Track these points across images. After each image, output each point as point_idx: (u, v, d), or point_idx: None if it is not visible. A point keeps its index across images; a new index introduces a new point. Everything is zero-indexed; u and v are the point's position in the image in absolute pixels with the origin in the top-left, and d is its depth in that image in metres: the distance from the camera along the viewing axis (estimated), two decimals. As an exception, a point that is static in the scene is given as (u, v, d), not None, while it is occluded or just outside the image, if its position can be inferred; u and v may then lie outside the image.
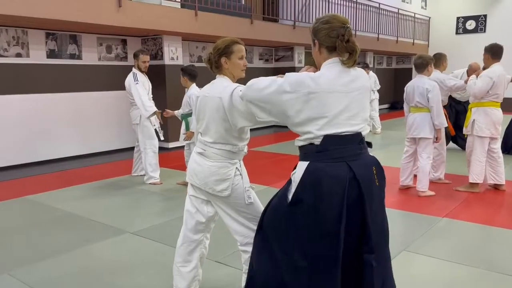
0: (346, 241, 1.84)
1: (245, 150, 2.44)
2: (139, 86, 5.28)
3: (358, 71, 1.94)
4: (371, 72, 9.83)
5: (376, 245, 1.91)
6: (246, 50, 2.48)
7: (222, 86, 2.35)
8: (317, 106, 1.82)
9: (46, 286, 2.85)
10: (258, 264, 2.03)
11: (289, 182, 1.99)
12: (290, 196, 1.91)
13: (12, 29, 6.39)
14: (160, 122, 5.46)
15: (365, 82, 1.95)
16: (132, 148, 6.09)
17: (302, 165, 1.90)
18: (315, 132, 1.85)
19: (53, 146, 6.98)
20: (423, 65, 4.75)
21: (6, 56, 6.37)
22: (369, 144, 2.03)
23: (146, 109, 5.26)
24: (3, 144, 6.37)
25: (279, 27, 10.02)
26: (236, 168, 2.34)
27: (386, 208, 2.13)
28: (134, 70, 5.41)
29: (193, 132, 4.80)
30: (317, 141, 1.86)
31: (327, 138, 1.84)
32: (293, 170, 1.98)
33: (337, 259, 1.83)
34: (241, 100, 2.17)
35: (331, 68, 1.90)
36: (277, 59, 11.45)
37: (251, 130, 2.51)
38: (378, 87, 9.94)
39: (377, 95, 9.95)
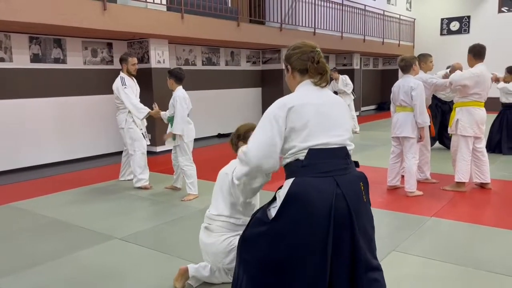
0: (337, 261, 1.84)
1: None
2: (128, 90, 5.23)
3: (329, 91, 2.06)
4: (341, 76, 10.13)
5: (366, 261, 1.92)
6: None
7: (231, 164, 2.73)
8: (295, 117, 1.89)
9: (31, 295, 2.79)
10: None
11: (273, 199, 2.01)
12: (273, 212, 1.92)
13: (-5, 33, 6.29)
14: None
15: (338, 99, 2.05)
16: (119, 153, 6.03)
17: (289, 181, 1.91)
18: (299, 145, 1.88)
19: (37, 152, 6.87)
20: (406, 66, 4.82)
21: (-11, 61, 6.27)
22: (356, 164, 2.05)
23: (140, 111, 5.22)
24: (-14, 151, 6.25)
25: (266, 29, 10.03)
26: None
27: (374, 209, 2.14)
28: (122, 74, 5.35)
29: (172, 133, 4.81)
30: (302, 156, 1.88)
31: (311, 151, 1.87)
32: (277, 190, 2.00)
33: (321, 277, 1.83)
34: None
35: (303, 87, 2.02)
36: (264, 62, 11.46)
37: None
38: (351, 88, 10.11)
39: (352, 97, 10.24)
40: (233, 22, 8.80)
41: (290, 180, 1.90)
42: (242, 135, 2.71)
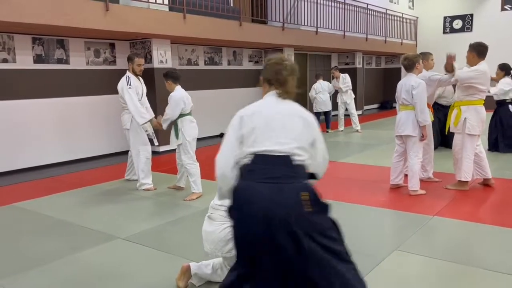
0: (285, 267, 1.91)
1: None
2: (132, 91, 5.17)
3: (291, 103, 2.15)
4: (341, 74, 10.16)
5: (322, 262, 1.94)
6: None
7: None
8: (245, 124, 2.05)
9: (35, 295, 2.81)
10: None
11: None
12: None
13: (-2, 34, 6.32)
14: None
15: (297, 111, 2.11)
16: (122, 153, 6.04)
17: (236, 184, 2.02)
18: (247, 149, 2.01)
19: (41, 152, 6.90)
20: (410, 65, 4.80)
21: (-8, 62, 6.30)
22: (313, 176, 2.13)
23: (142, 116, 5.18)
24: (-10, 151, 6.29)
25: (268, 28, 10.03)
26: None
27: (377, 208, 2.14)
28: (128, 73, 5.31)
29: (160, 122, 5.02)
30: (249, 160, 1.99)
31: (256, 156, 1.97)
32: None
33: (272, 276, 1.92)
34: None
35: (267, 97, 2.19)
36: (266, 61, 11.44)
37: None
38: (348, 86, 10.12)
39: (352, 96, 10.24)
40: (235, 21, 8.80)
41: (237, 182, 2.01)
42: None
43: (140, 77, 5.43)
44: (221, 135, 9.93)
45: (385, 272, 2.99)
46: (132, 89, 5.20)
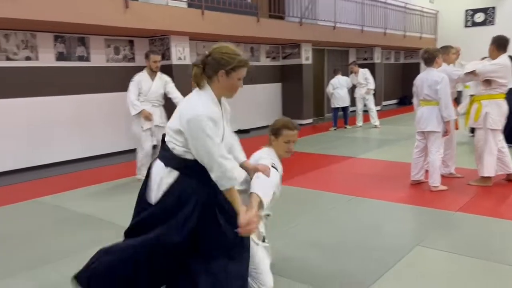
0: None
1: None
2: (132, 85, 5.40)
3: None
4: (360, 69, 10.07)
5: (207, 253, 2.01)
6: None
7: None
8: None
9: (60, 286, 2.87)
10: None
11: None
12: None
13: (21, 32, 6.45)
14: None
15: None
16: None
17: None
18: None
19: (62, 148, 7.03)
20: (430, 59, 4.72)
21: (16, 60, 6.43)
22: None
23: (132, 108, 5.37)
24: (13, 147, 6.44)
25: (286, 24, 9.99)
26: None
27: (397, 203, 2.12)
28: (145, 70, 5.46)
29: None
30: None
31: None
32: None
33: None
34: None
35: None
36: (284, 57, 11.42)
37: (259, 128, 2.64)
38: (372, 83, 10.07)
39: (372, 90, 10.14)
40: (252, 17, 8.79)
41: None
42: (275, 130, 2.69)
43: (158, 74, 5.49)
44: (239, 132, 9.95)
45: (407, 268, 2.96)
46: (134, 82, 5.41)
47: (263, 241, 2.48)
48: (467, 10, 15.85)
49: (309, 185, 5.21)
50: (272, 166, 2.46)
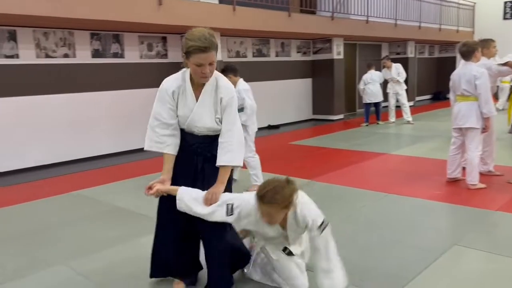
0: None
1: None
2: None
3: None
4: (394, 64, 9.84)
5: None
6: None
7: None
8: None
9: (99, 276, 2.96)
10: None
11: None
12: None
13: (60, 31, 6.65)
14: None
15: None
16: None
17: None
18: None
19: (99, 142, 7.23)
20: (469, 52, 4.56)
21: (55, 57, 6.65)
22: None
23: None
24: (52, 142, 6.67)
25: (317, 19, 9.89)
26: None
27: (434, 201, 2.08)
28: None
29: None
30: None
31: None
32: None
33: None
34: None
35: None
36: (315, 52, 11.32)
37: (289, 124, 2.66)
38: (404, 77, 9.83)
39: (404, 86, 9.90)
40: (284, 12, 8.75)
41: None
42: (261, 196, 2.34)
43: None
44: (269, 127, 9.95)
45: (444, 267, 2.89)
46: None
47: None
48: (506, 2, 15.24)
49: (341, 181, 5.16)
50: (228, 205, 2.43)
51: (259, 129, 5.80)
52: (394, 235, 3.46)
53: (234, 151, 2.41)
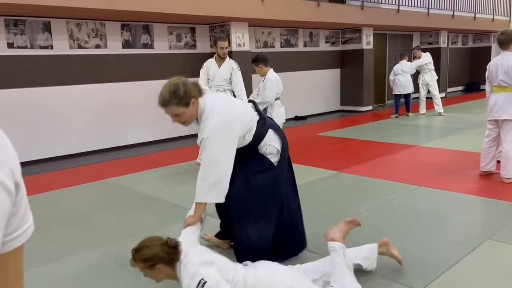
0: None
1: None
2: (201, 71, 5.60)
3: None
4: (423, 54, 9.57)
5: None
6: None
7: None
8: None
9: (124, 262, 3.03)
10: None
11: None
12: None
13: (92, 22, 6.79)
14: None
15: None
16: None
17: None
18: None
19: (129, 132, 7.38)
20: (507, 41, 4.40)
21: (87, 48, 6.80)
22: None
23: None
24: (85, 131, 6.85)
25: (347, 8, 9.74)
26: None
27: (466, 195, 2.01)
28: (214, 56, 5.61)
29: None
30: None
31: None
32: None
33: None
34: None
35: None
36: (344, 42, 11.16)
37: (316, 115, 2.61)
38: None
39: (435, 77, 9.65)
40: (313, 2, 8.64)
41: None
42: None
43: (226, 59, 5.55)
44: (296, 118, 9.90)
45: (477, 261, 2.83)
46: (203, 69, 5.58)
47: None
48: (546, -11, 14.59)
49: (370, 173, 5.09)
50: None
51: (287, 120, 5.80)
52: (425, 228, 3.40)
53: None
